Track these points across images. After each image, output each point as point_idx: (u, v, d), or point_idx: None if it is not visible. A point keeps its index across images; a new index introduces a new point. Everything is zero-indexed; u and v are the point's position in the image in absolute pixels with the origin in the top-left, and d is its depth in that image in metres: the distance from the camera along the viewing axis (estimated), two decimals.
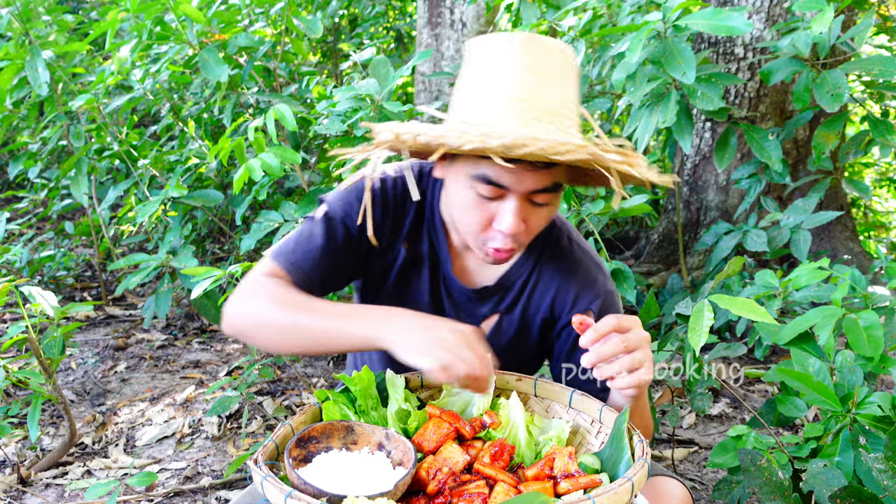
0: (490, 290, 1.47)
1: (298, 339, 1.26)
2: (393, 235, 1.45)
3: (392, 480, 1.07)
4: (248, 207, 3.60)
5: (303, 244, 1.39)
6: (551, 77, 1.21)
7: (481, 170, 1.21)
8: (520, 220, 1.24)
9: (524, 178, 1.21)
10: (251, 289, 1.33)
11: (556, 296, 1.46)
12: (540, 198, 1.25)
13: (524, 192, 1.23)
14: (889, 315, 1.76)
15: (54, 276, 4.26)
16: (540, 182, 1.22)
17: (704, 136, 3.54)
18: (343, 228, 1.40)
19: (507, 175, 1.20)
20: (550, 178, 1.23)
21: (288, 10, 3.24)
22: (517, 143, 1.07)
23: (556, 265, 1.46)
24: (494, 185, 1.22)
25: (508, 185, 1.22)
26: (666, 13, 2.32)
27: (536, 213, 1.27)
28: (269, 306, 1.28)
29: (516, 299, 1.47)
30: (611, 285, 1.48)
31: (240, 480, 2.37)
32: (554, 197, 1.27)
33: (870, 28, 2.39)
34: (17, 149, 4.56)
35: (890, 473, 1.32)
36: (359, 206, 1.40)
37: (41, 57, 3.22)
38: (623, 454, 1.13)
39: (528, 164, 1.18)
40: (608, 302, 1.45)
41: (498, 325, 1.48)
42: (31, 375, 2.25)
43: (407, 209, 1.45)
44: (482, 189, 1.23)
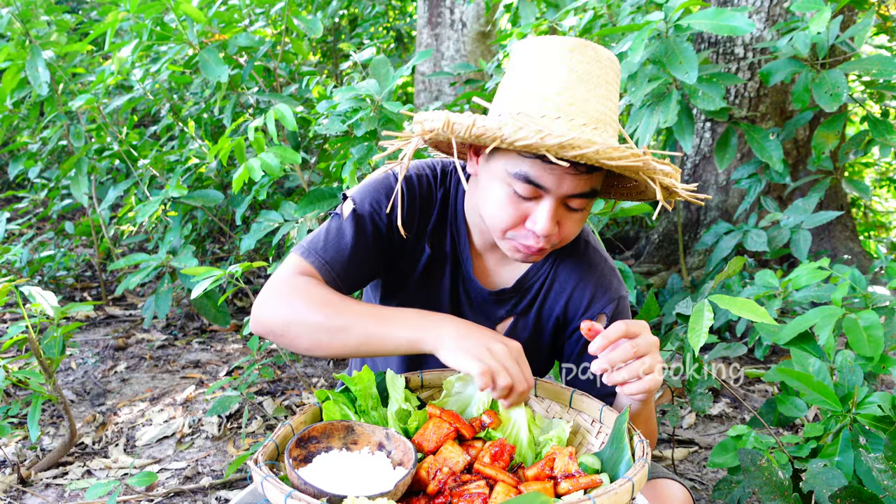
0: (508, 293, 1.47)
1: (333, 340, 1.24)
2: (419, 233, 1.45)
3: (392, 480, 1.07)
4: (248, 207, 3.60)
5: (333, 242, 1.37)
6: (600, 86, 1.22)
7: (522, 168, 1.20)
8: (553, 222, 1.24)
9: (564, 181, 1.20)
10: (284, 287, 1.30)
11: (570, 298, 1.46)
12: (575, 202, 1.25)
13: (561, 196, 1.23)
14: (889, 315, 1.76)
15: (54, 276, 4.27)
16: (579, 187, 1.22)
17: (705, 136, 3.54)
18: (372, 226, 1.38)
19: (549, 176, 1.20)
20: (590, 183, 1.23)
21: (288, 10, 3.24)
22: (574, 144, 1.08)
23: (572, 268, 1.46)
24: (534, 184, 1.21)
25: (548, 187, 1.21)
26: (667, 13, 2.32)
27: (570, 217, 1.27)
28: (304, 306, 1.25)
29: (532, 302, 1.48)
30: (624, 291, 1.48)
31: (240, 480, 2.37)
32: (589, 203, 1.27)
33: (869, 28, 2.39)
34: (18, 149, 4.56)
35: (890, 473, 1.33)
36: (387, 202, 1.39)
37: (41, 57, 3.22)
38: (623, 454, 1.13)
39: (572, 167, 1.18)
40: (621, 306, 1.46)
41: (513, 327, 1.49)
42: (31, 375, 2.25)
43: (432, 207, 1.44)
44: (520, 188, 1.22)
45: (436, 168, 1.46)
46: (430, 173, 1.45)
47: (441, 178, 1.46)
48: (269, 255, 3.17)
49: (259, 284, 4.18)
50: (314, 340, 1.25)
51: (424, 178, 1.44)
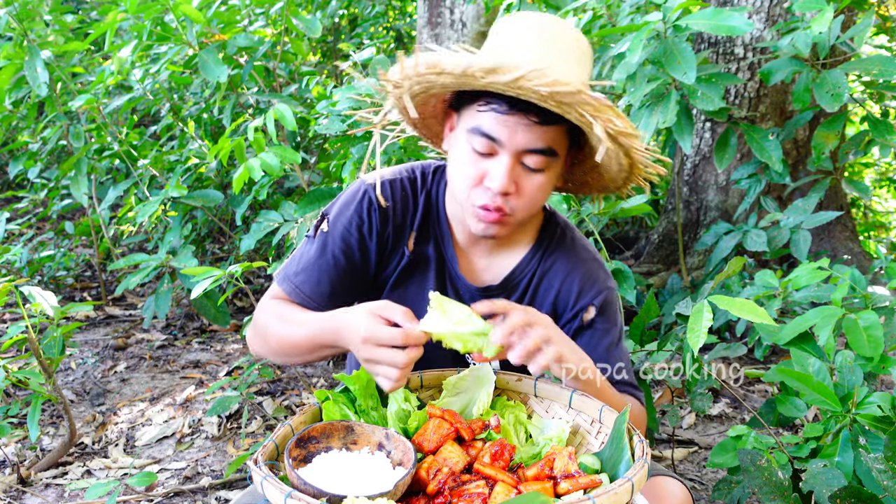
0: (495, 290, 1.48)
1: (292, 350, 1.36)
2: (397, 240, 1.47)
3: (392, 480, 1.07)
4: (248, 207, 3.60)
5: (303, 265, 1.44)
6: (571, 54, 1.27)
7: (477, 122, 1.25)
8: (510, 179, 1.27)
9: (517, 134, 1.24)
10: (259, 314, 1.43)
11: (559, 293, 1.47)
12: (532, 160, 1.27)
13: (516, 150, 1.26)
14: (889, 315, 1.76)
15: (54, 276, 4.26)
16: (533, 140, 1.25)
17: (704, 136, 3.54)
18: (343, 243, 1.43)
19: (502, 129, 1.23)
20: (544, 138, 1.25)
21: (288, 10, 3.24)
22: (502, 69, 1.11)
23: (559, 263, 1.48)
24: (489, 137, 1.25)
25: (501, 139, 1.25)
26: (666, 13, 2.32)
27: (529, 178, 1.29)
28: (270, 325, 1.39)
29: (521, 298, 1.48)
30: (612, 283, 1.50)
31: (240, 480, 2.37)
32: (548, 162, 1.29)
33: (869, 28, 2.39)
34: (17, 149, 4.56)
35: (890, 473, 1.33)
36: (356, 219, 1.43)
37: (40, 57, 3.22)
38: (623, 454, 1.13)
39: (524, 118, 1.22)
40: (609, 298, 1.48)
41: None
42: (31, 375, 2.25)
43: (409, 212, 1.46)
44: (477, 143, 1.26)
45: (414, 172, 1.49)
46: (408, 178, 1.48)
47: (422, 181, 1.49)
48: (269, 255, 3.17)
49: (259, 284, 4.18)
50: (284, 353, 1.39)
51: (399, 182, 1.46)
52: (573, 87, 1.11)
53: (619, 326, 1.50)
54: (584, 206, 2.51)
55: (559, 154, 1.29)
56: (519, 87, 1.13)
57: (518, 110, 1.22)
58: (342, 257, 1.43)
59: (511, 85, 1.14)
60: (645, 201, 2.46)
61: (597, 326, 1.46)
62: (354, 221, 1.43)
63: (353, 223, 1.43)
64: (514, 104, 1.22)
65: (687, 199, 3.64)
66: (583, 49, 1.30)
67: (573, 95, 1.12)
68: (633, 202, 2.46)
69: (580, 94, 1.11)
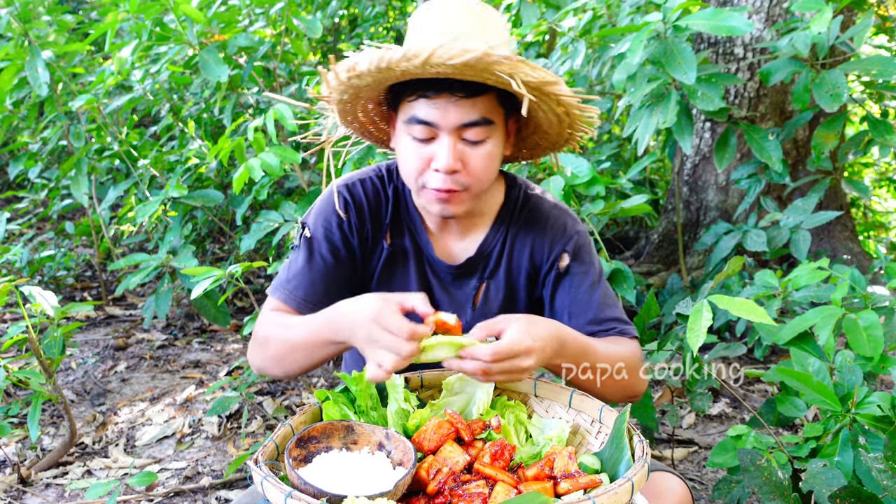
0: (473, 261, 1.53)
1: (292, 353, 1.36)
2: (375, 235, 1.53)
3: (392, 480, 1.07)
4: (249, 207, 3.60)
5: (294, 271, 1.49)
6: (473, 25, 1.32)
7: (410, 112, 1.32)
8: (454, 157, 1.32)
9: (449, 112, 1.29)
10: (258, 328, 1.45)
11: (532, 250, 1.52)
12: (471, 133, 1.32)
13: (453, 128, 1.31)
14: (889, 315, 1.76)
15: (54, 276, 4.26)
16: (465, 115, 1.30)
17: (704, 136, 3.54)
18: (327, 243, 1.48)
19: (433, 111, 1.29)
20: (476, 110, 1.30)
21: (288, 11, 3.24)
22: (411, 53, 1.16)
23: (525, 222, 1.53)
24: (424, 123, 1.30)
25: (435, 121, 1.30)
26: (666, 13, 2.32)
27: (473, 153, 1.34)
28: (270, 333, 1.40)
29: (497, 264, 1.53)
30: (580, 227, 1.55)
31: (240, 480, 2.37)
32: (487, 132, 1.33)
33: (869, 28, 2.39)
34: (18, 149, 4.56)
35: (889, 473, 1.33)
36: (335, 218, 1.49)
37: (41, 57, 3.22)
38: (623, 454, 1.13)
39: (451, 96, 1.27)
40: (579, 241, 1.52)
41: (486, 292, 1.54)
42: (32, 375, 2.26)
43: (383, 207, 1.53)
44: (416, 131, 1.32)
45: (381, 170, 1.56)
46: (375, 175, 1.55)
47: (388, 176, 1.55)
48: (269, 255, 3.17)
49: (259, 284, 4.18)
50: (285, 361, 1.39)
51: (368, 180, 1.54)
52: (479, 51, 1.15)
53: (597, 267, 1.54)
54: (585, 207, 2.51)
55: (495, 122, 1.34)
56: (431, 65, 1.18)
57: (444, 90, 1.28)
58: (330, 256, 1.48)
59: (424, 66, 1.19)
60: (645, 201, 2.46)
61: (573, 271, 1.50)
62: (334, 220, 1.49)
63: (334, 222, 1.49)
64: (440, 86, 1.28)
65: (687, 199, 3.64)
66: (489, 15, 1.35)
67: (481, 59, 1.16)
68: (632, 202, 2.46)
69: (487, 55, 1.16)
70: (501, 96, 1.34)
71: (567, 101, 1.30)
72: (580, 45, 2.89)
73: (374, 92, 1.36)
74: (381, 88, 1.36)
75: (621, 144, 4.32)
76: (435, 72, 1.21)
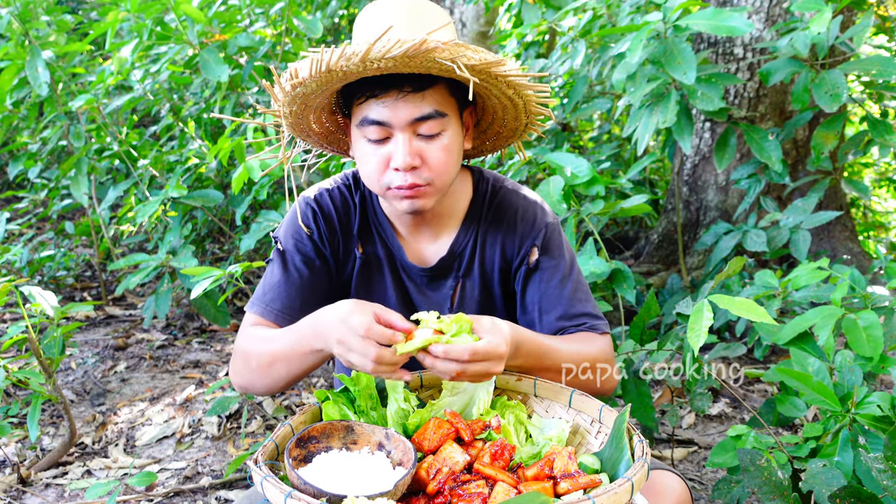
0: (445, 262, 1.52)
1: (272, 365, 1.35)
2: (346, 244, 1.52)
3: (392, 480, 1.07)
4: (248, 207, 3.60)
5: (270, 284, 1.49)
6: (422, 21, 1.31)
7: (361, 115, 1.30)
8: (412, 154, 1.30)
9: (399, 109, 1.27)
10: (238, 344, 1.44)
11: (503, 244, 1.51)
12: (425, 128, 1.30)
13: (405, 124, 1.29)
14: (888, 315, 1.76)
15: (54, 276, 4.26)
16: (417, 109, 1.28)
17: (704, 137, 3.54)
18: (300, 255, 1.48)
19: (383, 109, 1.28)
20: (426, 103, 1.28)
21: (288, 10, 3.25)
22: (351, 51, 1.15)
23: (494, 217, 1.52)
24: (376, 123, 1.29)
25: (387, 120, 1.29)
26: (666, 13, 2.32)
27: (430, 147, 1.32)
28: (251, 351, 1.39)
29: (471, 261, 1.52)
30: (550, 218, 1.53)
31: (240, 480, 2.37)
32: (441, 125, 1.31)
33: (868, 28, 2.39)
34: (17, 149, 4.56)
35: (889, 473, 1.33)
36: (306, 229, 1.48)
37: (41, 57, 3.22)
38: (623, 454, 1.13)
39: (399, 92, 1.26)
40: (549, 234, 1.51)
41: (462, 289, 1.53)
42: (31, 375, 2.25)
43: (352, 215, 1.52)
44: (369, 132, 1.31)
45: (348, 178, 1.55)
46: (343, 184, 1.54)
47: (355, 184, 1.54)
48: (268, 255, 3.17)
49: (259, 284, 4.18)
50: (266, 375, 1.37)
51: (336, 189, 1.52)
52: (415, 40, 1.14)
53: (568, 259, 1.52)
54: (584, 207, 2.51)
55: (448, 114, 1.32)
56: (371, 61, 1.17)
57: (392, 87, 1.27)
58: (304, 268, 1.48)
59: (364, 64, 1.18)
60: (644, 201, 2.46)
61: (543, 266, 1.50)
62: (304, 233, 1.48)
63: (303, 234, 1.48)
64: (387, 83, 1.26)
65: (687, 199, 3.64)
66: (425, 4, 1.34)
67: (419, 47, 1.14)
68: (632, 202, 2.46)
69: (424, 43, 1.14)
70: (452, 87, 1.33)
71: (516, 81, 1.28)
72: (580, 45, 2.89)
73: (322, 99, 1.35)
74: (330, 95, 1.35)
75: (621, 144, 4.32)
76: (377, 68, 1.20)
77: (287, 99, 1.29)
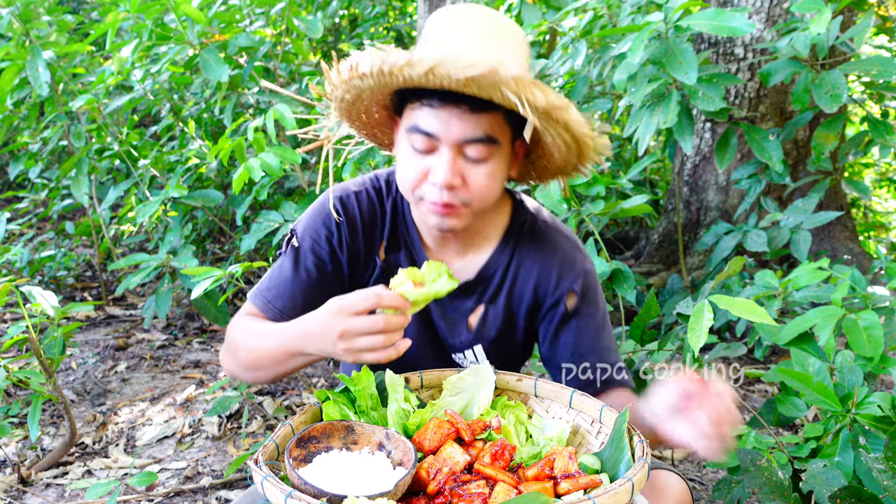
0: (472, 284, 1.48)
1: (259, 362, 1.34)
2: (368, 251, 1.47)
3: (392, 480, 1.07)
4: (249, 207, 3.60)
5: (276, 280, 1.45)
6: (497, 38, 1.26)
7: (413, 121, 1.26)
8: (453, 172, 1.26)
9: (451, 125, 1.23)
10: (230, 332, 1.42)
11: (538, 281, 1.46)
12: (472, 150, 1.26)
13: (454, 142, 1.25)
14: (889, 315, 1.76)
15: (55, 276, 4.26)
16: (469, 130, 1.24)
17: (704, 137, 3.54)
18: (314, 256, 1.43)
19: (436, 122, 1.23)
20: (480, 126, 1.24)
21: (288, 11, 3.25)
22: (415, 60, 1.10)
23: (533, 250, 1.47)
24: (425, 133, 1.25)
25: (437, 133, 1.24)
26: (667, 14, 2.32)
27: (474, 170, 1.28)
28: (239, 340, 1.38)
29: (498, 289, 1.48)
30: (589, 264, 1.49)
31: (240, 480, 2.37)
32: (490, 152, 1.27)
33: (869, 28, 2.39)
34: (18, 149, 4.56)
35: (890, 473, 1.33)
36: (325, 231, 1.43)
37: (42, 57, 3.22)
38: (623, 454, 1.13)
39: (455, 109, 1.22)
40: (588, 281, 1.47)
41: (484, 316, 1.50)
42: (32, 375, 2.26)
43: (378, 221, 1.47)
44: (416, 141, 1.27)
45: (379, 181, 1.49)
46: (372, 187, 1.48)
47: (387, 189, 1.48)
48: (269, 255, 3.17)
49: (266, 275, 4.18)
50: (254, 367, 1.36)
51: (364, 192, 1.46)
52: (486, 66, 1.09)
53: (602, 307, 1.50)
54: (585, 207, 2.51)
55: (499, 141, 1.28)
56: (434, 76, 1.12)
57: (449, 101, 1.22)
58: (315, 270, 1.43)
59: (427, 76, 1.12)
60: (645, 201, 2.46)
61: (582, 312, 1.46)
62: (323, 234, 1.43)
63: (323, 236, 1.43)
64: (445, 96, 1.22)
65: (687, 199, 3.64)
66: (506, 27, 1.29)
67: (488, 76, 1.09)
68: (633, 202, 2.46)
69: (494, 73, 1.09)
70: (509, 115, 1.27)
71: (576, 128, 1.22)
72: (581, 45, 2.89)
73: (377, 95, 1.31)
74: (385, 92, 1.31)
75: (621, 144, 4.32)
76: (439, 83, 1.15)
77: (343, 87, 1.24)
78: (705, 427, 1.08)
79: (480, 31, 1.26)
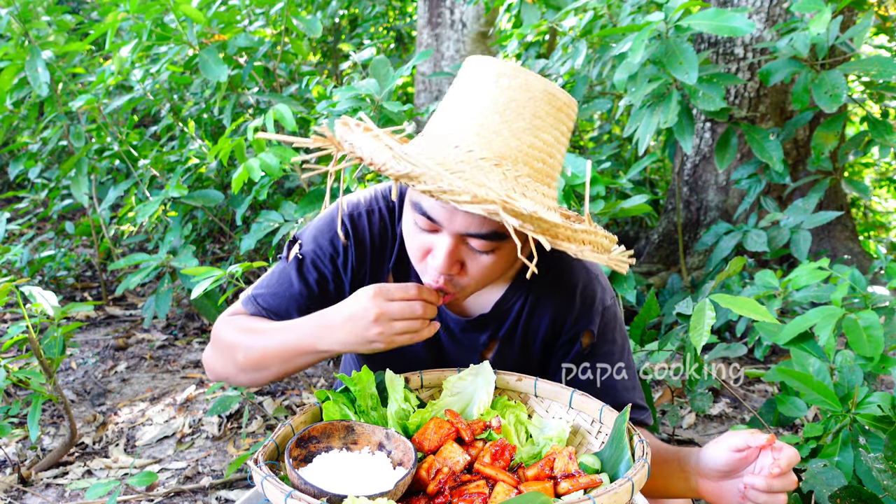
0: (487, 318, 1.41)
1: (262, 362, 1.30)
2: (375, 273, 1.39)
3: (392, 480, 1.07)
4: (249, 207, 3.60)
5: (272, 289, 1.38)
6: (523, 117, 1.09)
7: (417, 198, 1.16)
8: (451, 260, 1.16)
9: (456, 217, 1.12)
10: (217, 331, 1.36)
11: (555, 315, 1.39)
12: (476, 243, 1.16)
13: (457, 233, 1.14)
14: (889, 315, 1.76)
15: (55, 276, 4.26)
16: (473, 225, 1.13)
17: (704, 136, 3.54)
18: (315, 273, 1.37)
19: (440, 210, 1.13)
20: (487, 224, 1.12)
21: (288, 11, 3.25)
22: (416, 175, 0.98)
23: (551, 283, 1.39)
24: (427, 216, 1.15)
25: (440, 221, 1.14)
26: (668, 14, 2.32)
27: (476, 260, 1.18)
28: (236, 339, 1.33)
29: (514, 325, 1.41)
30: (610, 299, 1.41)
31: (240, 480, 2.37)
32: (496, 246, 1.17)
33: (868, 28, 2.39)
34: (18, 149, 4.56)
35: (890, 473, 1.33)
36: (331, 250, 1.36)
37: (41, 57, 3.22)
38: (623, 454, 1.13)
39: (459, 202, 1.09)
40: (606, 318, 1.40)
41: (499, 352, 1.44)
42: (32, 375, 2.26)
43: (388, 246, 1.38)
44: (418, 220, 1.17)
45: (392, 201, 1.39)
46: (385, 207, 1.38)
47: (400, 209, 1.38)
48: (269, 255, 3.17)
49: None
50: (246, 366, 1.31)
51: (377, 213, 1.37)
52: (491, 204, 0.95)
53: (620, 343, 1.43)
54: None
55: (507, 236, 1.15)
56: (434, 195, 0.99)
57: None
58: (315, 286, 1.37)
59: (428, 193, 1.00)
60: (645, 201, 2.46)
61: (597, 351, 1.40)
62: (329, 252, 1.36)
63: (328, 254, 1.36)
64: None
65: (687, 199, 3.64)
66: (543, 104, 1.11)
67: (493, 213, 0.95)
68: (632, 202, 2.46)
69: (506, 205, 0.95)
70: None
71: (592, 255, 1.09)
72: (581, 45, 2.89)
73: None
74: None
75: (621, 144, 4.33)
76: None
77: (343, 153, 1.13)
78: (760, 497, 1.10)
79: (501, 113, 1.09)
